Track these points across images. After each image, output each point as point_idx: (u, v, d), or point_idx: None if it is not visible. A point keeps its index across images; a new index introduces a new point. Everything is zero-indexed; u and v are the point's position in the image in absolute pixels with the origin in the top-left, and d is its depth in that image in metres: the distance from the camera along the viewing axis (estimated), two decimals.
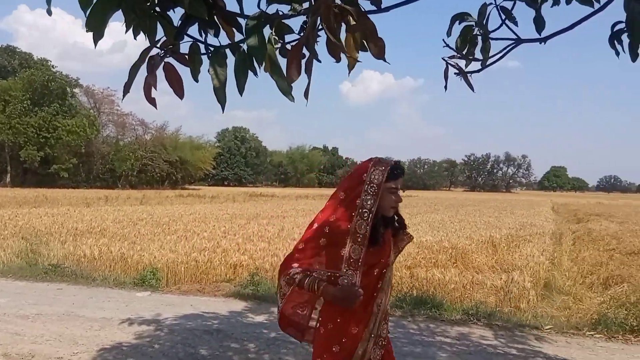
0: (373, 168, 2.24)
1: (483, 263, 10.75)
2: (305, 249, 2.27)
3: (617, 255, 13.43)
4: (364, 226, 2.18)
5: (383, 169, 2.23)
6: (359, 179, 2.25)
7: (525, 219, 24.26)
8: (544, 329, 6.14)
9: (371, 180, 2.20)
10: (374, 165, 2.25)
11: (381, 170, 2.22)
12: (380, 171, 2.22)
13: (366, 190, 2.20)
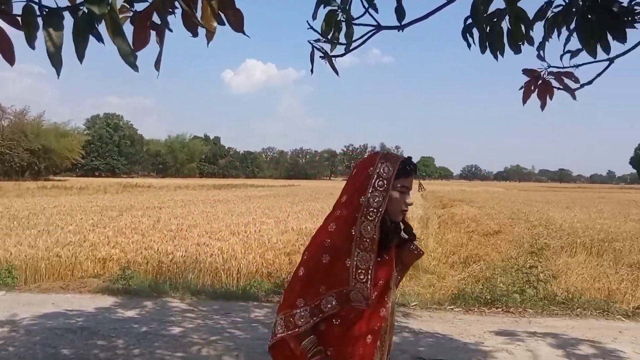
0: (382, 161, 1.86)
1: None
2: (307, 274, 1.85)
3: (476, 236, 14.81)
4: (370, 228, 1.78)
5: (394, 162, 1.86)
6: (364, 174, 1.86)
7: None
8: (410, 305, 6.57)
9: (379, 174, 1.83)
10: (382, 157, 1.88)
11: (391, 164, 1.85)
12: (391, 164, 1.85)
13: (373, 185, 1.82)
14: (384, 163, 1.85)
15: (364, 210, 1.79)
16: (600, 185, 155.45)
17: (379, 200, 1.79)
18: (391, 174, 1.82)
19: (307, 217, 16.51)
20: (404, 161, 1.88)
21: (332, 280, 1.81)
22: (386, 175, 1.82)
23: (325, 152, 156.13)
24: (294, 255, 9.18)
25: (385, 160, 1.86)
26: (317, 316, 1.81)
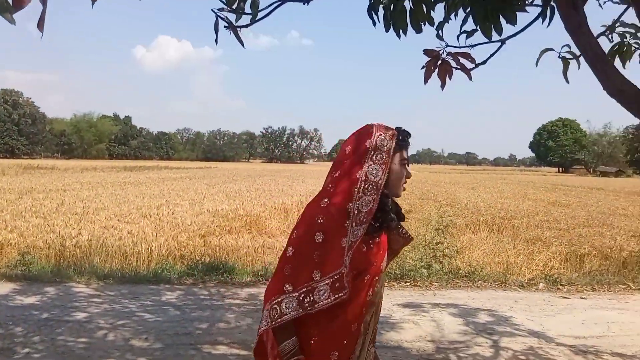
0: (380, 132, 1.69)
1: (276, 228, 11.26)
2: (297, 255, 1.63)
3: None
4: (367, 201, 1.61)
5: (390, 133, 1.69)
6: (361, 147, 1.67)
7: (315, 187, 26.07)
8: None
9: (377, 146, 1.66)
10: (379, 129, 1.71)
11: (391, 135, 1.69)
12: (390, 136, 1.68)
13: (372, 158, 1.65)
14: (383, 134, 1.69)
15: (361, 185, 1.62)
16: (503, 168, 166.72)
17: (380, 174, 1.63)
18: (391, 145, 1.67)
19: (224, 199, 16.29)
20: (402, 132, 1.74)
21: (327, 264, 1.59)
22: (387, 147, 1.66)
23: (244, 134, 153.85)
24: (209, 237, 9.05)
25: (382, 131, 1.70)
26: (307, 308, 1.58)
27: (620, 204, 20.25)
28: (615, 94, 1.34)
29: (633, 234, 10.73)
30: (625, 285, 7.10)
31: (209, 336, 4.46)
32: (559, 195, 24.90)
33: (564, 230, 11.84)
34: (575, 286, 6.99)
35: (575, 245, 9.79)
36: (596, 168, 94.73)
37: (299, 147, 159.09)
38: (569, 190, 29.66)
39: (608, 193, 28.19)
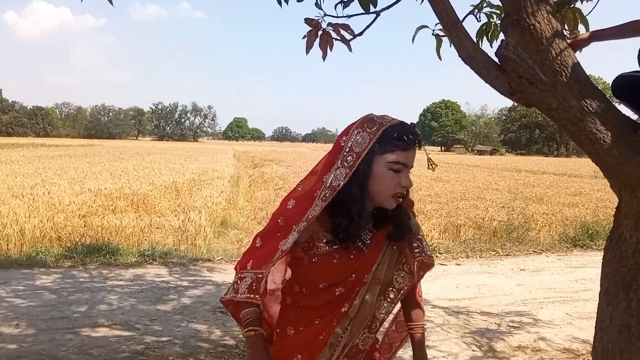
0: (358, 129, 1.42)
1: (166, 207, 10.85)
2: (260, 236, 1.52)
3: (283, 193, 15.43)
4: (317, 209, 1.39)
5: (374, 129, 1.39)
6: (337, 146, 1.45)
7: (209, 165, 25.50)
8: (215, 260, 6.62)
9: (351, 146, 1.40)
10: (360, 124, 1.43)
11: (370, 132, 1.40)
12: (368, 133, 1.39)
13: (343, 158, 1.40)
14: (360, 131, 1.41)
15: (323, 190, 1.41)
16: None
17: (340, 178, 1.38)
18: (366, 145, 1.39)
19: (108, 178, 15.35)
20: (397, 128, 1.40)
21: (261, 259, 1.44)
22: (359, 147, 1.39)
23: (132, 109, 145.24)
24: (90, 217, 8.49)
25: (364, 126, 1.42)
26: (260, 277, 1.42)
27: (493, 179, 22.16)
28: (468, 59, 1.43)
29: (503, 205, 11.80)
30: (495, 252, 7.81)
31: (88, 319, 4.21)
32: (440, 171, 26.61)
33: (444, 203, 12.71)
34: (452, 254, 7.57)
35: (453, 217, 10.57)
36: (474, 147, 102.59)
37: (192, 124, 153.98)
38: (450, 168, 31.85)
39: (483, 170, 30.72)
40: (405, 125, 1.42)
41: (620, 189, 1.41)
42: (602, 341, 1.59)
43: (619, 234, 1.52)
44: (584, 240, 8.48)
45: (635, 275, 1.48)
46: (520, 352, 3.97)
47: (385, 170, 1.40)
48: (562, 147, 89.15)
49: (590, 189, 17.37)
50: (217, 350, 3.75)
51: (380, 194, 1.43)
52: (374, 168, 1.40)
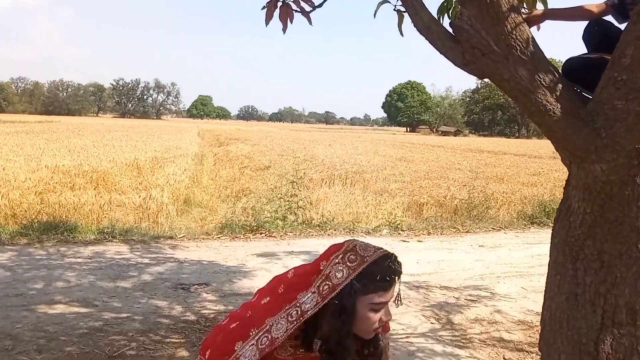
0: (339, 257, 1.31)
1: (127, 185, 10.64)
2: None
3: (248, 171, 15.39)
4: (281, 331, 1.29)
5: (354, 264, 1.28)
6: (315, 267, 1.34)
7: (172, 143, 25.03)
8: (178, 237, 6.54)
9: (329, 274, 1.30)
10: (342, 254, 1.31)
11: (350, 266, 1.29)
12: (348, 268, 1.29)
13: (320, 283, 1.30)
14: (341, 261, 1.30)
15: (291, 307, 1.31)
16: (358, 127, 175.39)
17: (310, 305, 1.29)
18: (342, 280, 1.28)
19: (66, 154, 14.92)
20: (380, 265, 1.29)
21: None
22: (336, 280, 1.28)
23: (92, 85, 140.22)
24: (47, 194, 8.24)
25: (346, 257, 1.30)
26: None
27: (456, 159, 22.55)
28: (423, 29, 1.43)
29: (465, 184, 12.04)
30: (456, 229, 7.99)
31: (45, 296, 4.11)
32: (405, 152, 26.96)
33: (408, 182, 12.90)
34: (414, 231, 7.70)
35: (417, 195, 10.75)
36: (438, 128, 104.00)
37: (155, 102, 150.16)
38: (414, 148, 32.24)
39: (447, 150, 31.20)
40: (387, 263, 1.30)
41: (570, 162, 1.45)
42: (550, 309, 1.65)
43: (567, 205, 1.57)
44: (541, 217, 8.77)
45: (583, 245, 1.53)
46: (477, 324, 4.10)
47: (367, 311, 1.30)
48: (523, 129, 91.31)
49: (549, 169, 17.92)
50: (177, 326, 3.73)
51: (361, 331, 1.35)
52: (357, 308, 1.30)
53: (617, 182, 1.33)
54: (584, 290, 1.54)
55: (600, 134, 1.29)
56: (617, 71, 1.26)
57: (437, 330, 3.93)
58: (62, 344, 3.30)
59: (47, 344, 3.28)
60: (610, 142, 1.28)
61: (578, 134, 1.30)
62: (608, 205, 1.39)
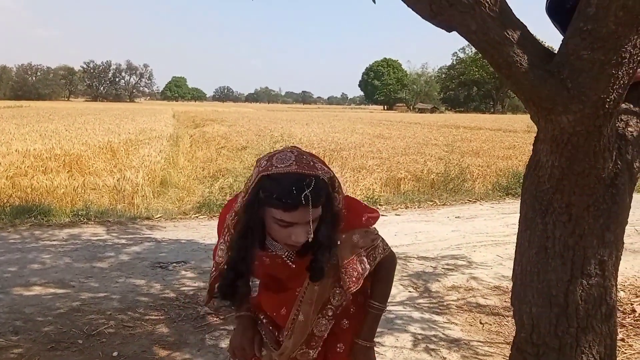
0: (259, 160, 1.33)
1: (101, 168, 10.47)
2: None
3: (225, 152, 15.26)
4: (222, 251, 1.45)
5: (261, 169, 1.28)
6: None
7: (146, 125, 24.63)
8: (155, 218, 6.48)
9: (251, 175, 1.33)
10: (266, 156, 1.33)
11: (257, 171, 1.29)
12: (257, 172, 1.29)
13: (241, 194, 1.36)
14: (257, 165, 1.32)
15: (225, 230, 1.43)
16: (336, 106, 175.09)
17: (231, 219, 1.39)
18: (250, 183, 1.29)
19: (37, 139, 14.56)
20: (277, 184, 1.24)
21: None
22: (249, 182, 1.31)
23: (61, 68, 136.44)
24: (18, 178, 8.06)
25: (260, 161, 1.31)
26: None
27: (433, 135, 22.69)
28: None
29: (441, 158, 12.15)
30: (433, 202, 8.08)
31: (20, 278, 4.04)
32: (382, 129, 27.02)
33: (385, 159, 12.96)
34: (392, 205, 7.76)
35: (394, 171, 10.82)
36: (415, 105, 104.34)
37: (128, 84, 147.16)
38: (392, 125, 32.33)
39: (424, 127, 31.35)
40: (292, 186, 1.22)
41: (538, 117, 1.47)
42: (521, 264, 1.69)
43: (536, 160, 1.59)
44: (515, 189, 8.90)
45: (551, 199, 1.56)
46: (454, 292, 4.18)
47: (271, 223, 1.29)
48: (498, 105, 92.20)
49: (524, 143, 18.16)
50: (156, 303, 3.71)
51: (277, 238, 1.36)
52: (264, 215, 1.30)
53: (584, 133, 1.35)
54: (553, 243, 1.58)
55: (567, 85, 1.30)
56: (583, 21, 1.26)
57: (415, 299, 3.99)
58: (39, 324, 3.26)
59: (24, 325, 3.23)
60: (577, 92, 1.29)
61: (545, 85, 1.31)
62: (575, 157, 1.41)
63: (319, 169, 1.28)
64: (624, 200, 1.54)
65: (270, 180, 1.25)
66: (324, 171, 1.30)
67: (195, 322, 3.42)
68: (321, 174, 1.28)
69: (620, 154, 1.51)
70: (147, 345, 3.07)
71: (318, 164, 1.31)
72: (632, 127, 1.54)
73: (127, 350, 2.99)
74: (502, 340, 3.30)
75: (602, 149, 1.40)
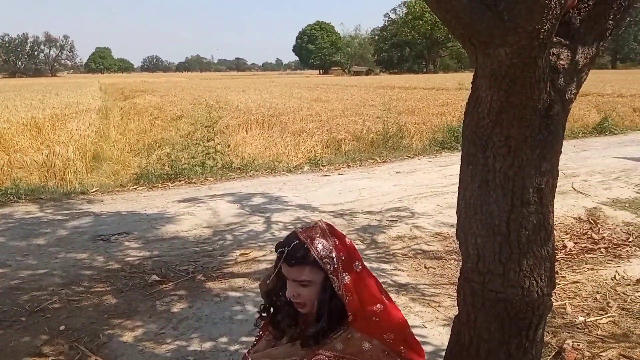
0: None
1: (27, 145, 9.90)
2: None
3: (159, 122, 14.77)
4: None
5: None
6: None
7: (72, 98, 23.32)
8: (90, 192, 6.22)
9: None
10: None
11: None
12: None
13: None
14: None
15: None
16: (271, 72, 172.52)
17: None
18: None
19: None
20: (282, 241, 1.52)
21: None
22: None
23: None
24: None
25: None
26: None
27: (369, 97, 22.89)
28: None
29: (379, 117, 12.33)
30: (373, 160, 8.23)
31: None
32: (319, 93, 26.96)
33: (325, 121, 13.00)
34: (334, 165, 7.84)
35: (334, 132, 10.89)
36: (350, 69, 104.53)
37: (48, 57, 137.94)
38: (328, 89, 32.31)
39: (360, 89, 31.53)
40: (280, 243, 1.51)
41: (477, 53, 1.50)
42: (465, 198, 1.75)
43: (475, 97, 1.63)
44: (450, 142, 9.22)
45: (491, 134, 1.61)
46: (399, 241, 4.32)
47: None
48: (430, 65, 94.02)
49: (456, 99, 18.71)
50: (101, 275, 3.60)
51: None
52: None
53: (520, 64, 1.40)
54: (494, 176, 1.65)
55: (503, 17, 1.33)
56: None
57: (363, 250, 4.09)
58: None
59: None
60: (513, 24, 1.33)
61: (483, 19, 1.34)
62: (512, 89, 1.47)
63: (316, 241, 1.48)
64: (559, 130, 1.63)
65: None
66: (323, 245, 1.48)
67: (144, 291, 3.36)
68: (309, 243, 1.47)
69: (554, 86, 1.58)
70: (96, 317, 2.99)
71: (321, 239, 1.49)
72: (563, 60, 1.61)
73: (74, 323, 2.90)
74: (446, 281, 3.47)
75: (538, 80, 1.45)
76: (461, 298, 1.86)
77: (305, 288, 1.49)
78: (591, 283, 3.33)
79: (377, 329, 1.50)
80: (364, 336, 1.48)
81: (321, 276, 1.48)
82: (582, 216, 4.83)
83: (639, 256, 3.76)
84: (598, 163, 7.44)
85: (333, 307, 1.48)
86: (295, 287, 1.50)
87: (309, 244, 1.47)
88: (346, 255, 1.50)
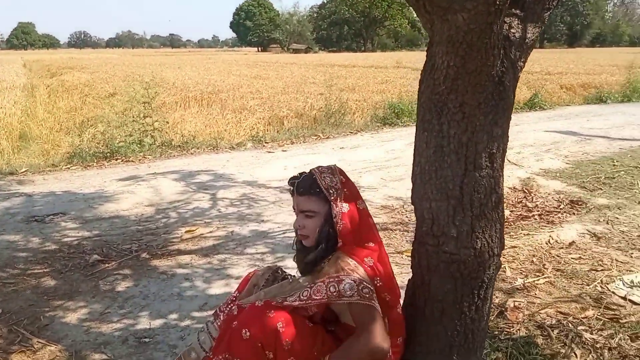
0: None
1: None
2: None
3: (91, 100, 14.07)
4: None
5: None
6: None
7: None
8: (19, 172, 5.86)
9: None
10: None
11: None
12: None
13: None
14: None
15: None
16: (208, 49, 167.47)
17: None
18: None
19: None
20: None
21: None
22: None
23: None
24: None
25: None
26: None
27: (310, 74, 22.80)
28: None
29: (321, 93, 12.33)
30: (317, 136, 8.24)
31: None
32: (259, 70, 26.55)
33: (266, 98, 12.84)
34: (277, 142, 7.79)
35: (276, 110, 10.79)
36: (289, 46, 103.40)
37: None
38: (268, 66, 31.85)
39: (300, 66, 31.31)
40: (293, 176, 1.77)
41: (434, 19, 1.51)
42: (420, 164, 1.79)
43: (431, 64, 1.66)
44: (391, 119, 9.38)
45: (446, 100, 1.65)
46: None
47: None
48: (368, 43, 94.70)
49: (395, 77, 19.02)
50: (38, 257, 3.42)
51: None
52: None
53: (477, 30, 1.43)
54: (448, 142, 1.69)
55: None
56: None
57: None
58: None
59: None
60: None
61: None
62: (469, 55, 1.50)
63: (324, 174, 1.72)
64: (510, 97, 1.68)
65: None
66: (330, 179, 1.71)
67: (85, 271, 3.22)
68: (318, 175, 1.71)
69: (506, 54, 1.62)
70: (35, 299, 2.84)
71: (329, 174, 1.73)
72: (515, 29, 1.65)
73: (11, 306, 2.75)
74: (392, 250, 3.54)
75: (492, 46, 1.49)
76: (416, 261, 1.91)
77: (310, 220, 1.70)
78: (527, 247, 3.51)
79: (361, 256, 1.68)
80: (351, 256, 1.67)
81: (326, 209, 1.68)
82: (516, 186, 5.07)
83: (570, 221, 4.00)
84: (530, 136, 7.81)
85: (330, 236, 1.68)
86: (301, 218, 1.72)
87: (317, 175, 1.70)
88: (350, 192, 1.73)
